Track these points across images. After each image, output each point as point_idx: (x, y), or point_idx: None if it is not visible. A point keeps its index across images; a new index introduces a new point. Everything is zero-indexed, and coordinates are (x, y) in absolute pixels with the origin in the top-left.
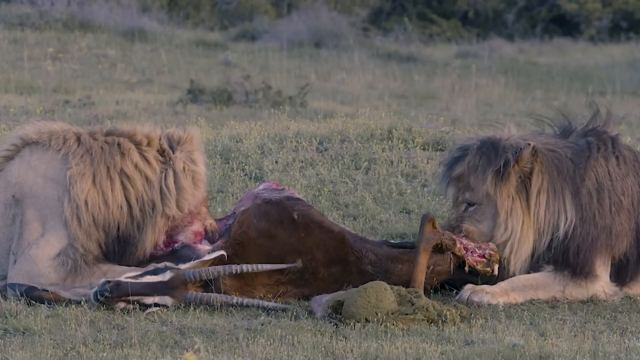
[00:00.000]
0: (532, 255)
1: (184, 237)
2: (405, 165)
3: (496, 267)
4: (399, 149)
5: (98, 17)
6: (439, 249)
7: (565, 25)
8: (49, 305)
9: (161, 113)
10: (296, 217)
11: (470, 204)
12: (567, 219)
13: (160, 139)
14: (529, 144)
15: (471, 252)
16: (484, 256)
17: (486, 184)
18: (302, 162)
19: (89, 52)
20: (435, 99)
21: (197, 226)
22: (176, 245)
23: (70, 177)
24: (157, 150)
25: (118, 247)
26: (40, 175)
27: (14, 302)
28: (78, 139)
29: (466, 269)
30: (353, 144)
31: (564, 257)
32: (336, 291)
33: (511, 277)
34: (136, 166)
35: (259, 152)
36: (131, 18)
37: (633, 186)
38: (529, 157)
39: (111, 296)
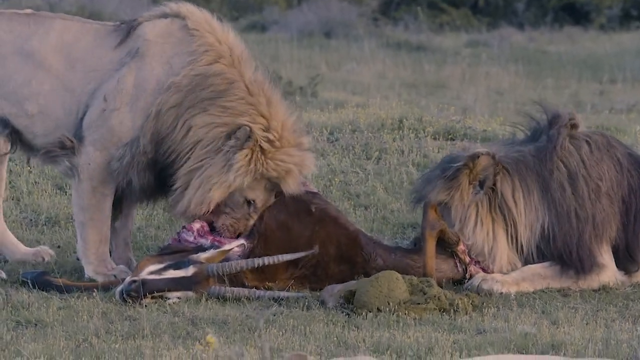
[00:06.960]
0: (523, 256)
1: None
2: (416, 155)
3: None
4: (410, 138)
5: (108, 8)
6: (442, 241)
7: (576, 14)
8: (60, 297)
9: None
10: (313, 209)
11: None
12: (541, 218)
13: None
14: (486, 152)
15: (475, 262)
16: (485, 270)
17: (436, 190)
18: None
19: None
20: (445, 88)
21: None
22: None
23: (171, 84)
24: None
25: (167, 170)
26: (167, 54)
27: (26, 294)
28: (217, 60)
29: (467, 275)
30: (364, 133)
31: (567, 255)
32: None
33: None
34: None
35: None
36: (141, 9)
37: (609, 170)
38: (487, 164)
39: (137, 295)
